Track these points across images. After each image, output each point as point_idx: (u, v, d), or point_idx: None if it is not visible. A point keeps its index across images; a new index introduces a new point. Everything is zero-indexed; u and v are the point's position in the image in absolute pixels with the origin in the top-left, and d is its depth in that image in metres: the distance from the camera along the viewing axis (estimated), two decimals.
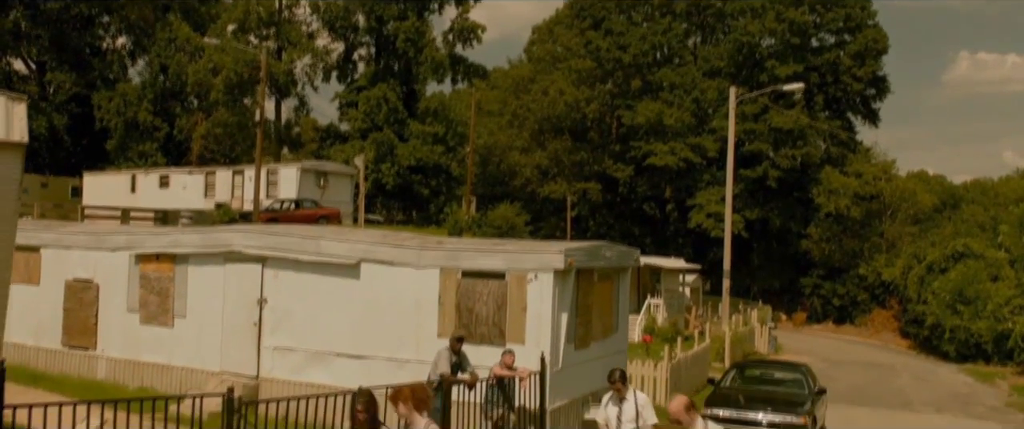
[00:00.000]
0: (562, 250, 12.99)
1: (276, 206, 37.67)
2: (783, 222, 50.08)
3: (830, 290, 47.80)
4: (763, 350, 32.32)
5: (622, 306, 16.04)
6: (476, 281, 13.25)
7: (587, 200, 53.62)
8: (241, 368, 14.87)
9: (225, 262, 15.22)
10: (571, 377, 13.38)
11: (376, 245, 14.12)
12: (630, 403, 9.19)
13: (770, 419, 14.52)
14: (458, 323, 13.13)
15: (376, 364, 13.37)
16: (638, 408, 9.16)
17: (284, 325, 14.57)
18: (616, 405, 9.23)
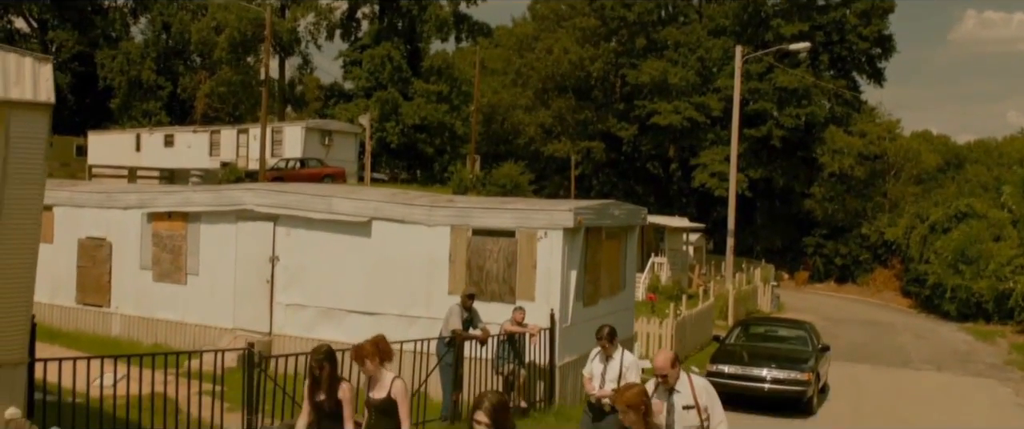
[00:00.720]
0: (572, 208, 13.15)
1: (282, 165, 37.80)
2: (786, 182, 50.16)
3: (832, 250, 48.02)
4: (766, 308, 32.61)
5: (629, 264, 16.25)
6: (486, 239, 13.42)
7: (591, 159, 53.65)
8: (253, 325, 15.12)
9: (237, 220, 15.40)
10: (580, 333, 13.60)
11: (387, 203, 14.28)
12: (616, 362, 8.95)
13: (774, 375, 14.79)
14: (469, 280, 13.33)
15: (387, 320, 13.58)
16: (623, 369, 8.90)
17: (296, 282, 14.79)
18: (602, 363, 9.03)
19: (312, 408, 6.78)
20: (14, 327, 7.21)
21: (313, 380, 6.75)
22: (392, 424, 6.50)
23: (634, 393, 5.88)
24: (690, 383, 6.66)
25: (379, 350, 6.62)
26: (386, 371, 6.62)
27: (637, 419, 5.81)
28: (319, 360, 6.72)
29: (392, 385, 6.51)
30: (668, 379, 6.58)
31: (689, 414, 6.54)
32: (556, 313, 12.93)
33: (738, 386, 14.73)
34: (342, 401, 6.64)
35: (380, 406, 6.49)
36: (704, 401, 6.59)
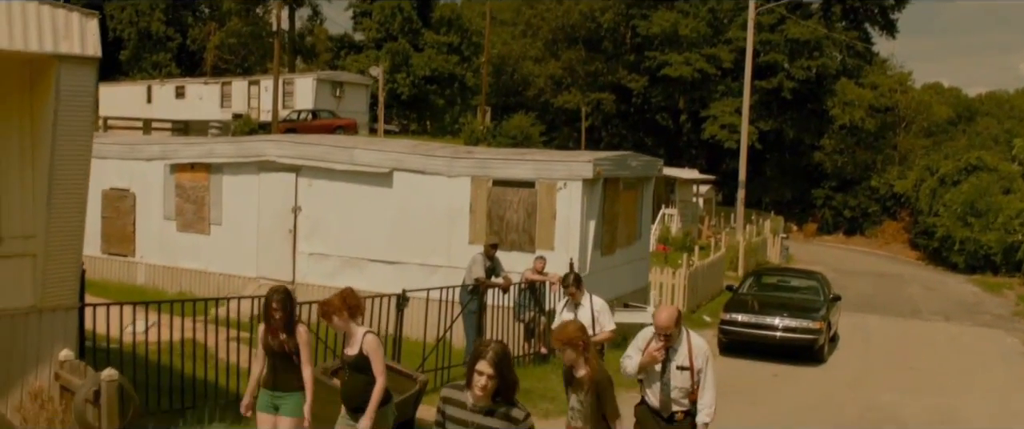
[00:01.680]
0: (591, 159, 13.37)
1: (294, 116, 37.99)
2: (796, 134, 50.14)
3: (841, 202, 48.16)
4: (775, 260, 32.88)
5: (645, 214, 16.51)
6: (507, 189, 13.67)
7: (601, 110, 53.61)
8: (277, 273, 15.43)
9: (259, 171, 15.65)
10: (598, 282, 13.84)
11: (408, 155, 14.51)
12: (586, 309, 8.69)
13: (786, 323, 15.08)
14: (489, 230, 13.60)
15: (409, 269, 13.89)
16: (594, 314, 8.65)
17: (318, 232, 15.08)
18: (571, 311, 8.73)
19: (267, 354, 6.53)
20: (66, 274, 7.51)
21: (269, 323, 6.49)
22: (368, 380, 6.20)
23: (572, 330, 5.81)
24: (689, 343, 6.35)
25: (347, 305, 6.25)
26: (358, 326, 6.30)
27: (576, 356, 5.76)
28: (279, 300, 6.47)
29: (363, 340, 6.20)
30: (670, 338, 6.26)
31: (682, 375, 6.29)
32: (575, 262, 13.22)
33: (751, 334, 15.07)
34: (300, 345, 6.44)
35: (353, 362, 6.23)
36: (699, 364, 6.31)
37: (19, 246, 7.29)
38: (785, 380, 13.77)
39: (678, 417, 6.37)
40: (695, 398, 6.31)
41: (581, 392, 5.86)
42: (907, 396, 12.81)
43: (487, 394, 4.26)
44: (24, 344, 7.37)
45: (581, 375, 5.84)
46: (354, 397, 6.25)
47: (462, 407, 4.38)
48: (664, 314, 6.30)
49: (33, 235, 7.33)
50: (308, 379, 6.48)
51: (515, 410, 4.34)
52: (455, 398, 4.43)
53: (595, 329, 8.45)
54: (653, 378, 6.35)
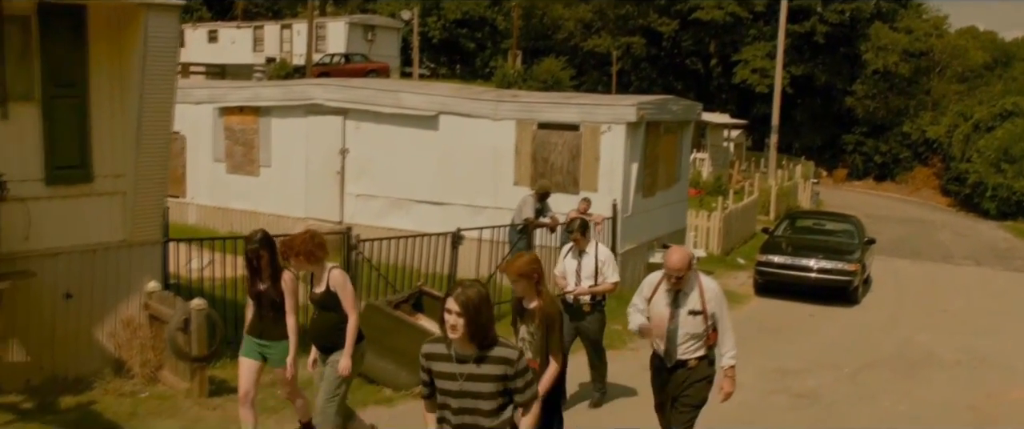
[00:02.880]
0: (635, 103, 13.64)
1: (326, 60, 38.23)
2: (828, 78, 49.75)
3: (872, 147, 47.96)
4: (806, 205, 33.03)
5: (684, 158, 16.79)
6: (551, 132, 13.99)
7: (630, 54, 53.38)
8: (325, 214, 15.92)
9: (307, 114, 16.03)
10: (639, 223, 14.28)
11: (454, 98, 14.83)
12: (590, 257, 8.29)
13: (822, 265, 15.38)
14: (534, 172, 13.97)
15: (454, 210, 14.31)
16: (598, 263, 8.26)
17: (366, 174, 15.50)
18: (575, 259, 8.35)
19: (253, 300, 6.30)
20: (152, 211, 8.00)
21: (252, 269, 6.22)
22: (337, 318, 6.00)
23: (525, 261, 5.66)
24: (700, 287, 5.98)
25: (308, 246, 5.96)
26: (321, 265, 6.03)
27: (528, 287, 5.62)
28: (255, 248, 6.16)
29: (329, 276, 5.99)
30: (681, 281, 5.90)
31: (694, 320, 5.95)
32: (618, 203, 13.59)
33: (787, 276, 15.40)
34: (284, 292, 6.18)
35: (320, 301, 6.03)
36: (712, 308, 5.96)
37: (110, 184, 7.77)
38: (821, 320, 14.15)
39: (691, 364, 6.04)
40: (710, 344, 6.03)
41: (531, 324, 5.67)
42: (941, 336, 13.16)
43: (460, 336, 3.97)
44: (116, 276, 7.88)
45: (532, 307, 5.66)
46: (324, 336, 6.07)
47: (447, 359, 4.10)
48: (676, 255, 5.90)
49: (122, 174, 7.80)
50: (292, 328, 6.20)
51: (505, 350, 4.07)
52: (437, 352, 4.14)
53: (598, 279, 8.20)
54: (662, 325, 6.03)
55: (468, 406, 4.08)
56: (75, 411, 6.99)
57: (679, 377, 6.05)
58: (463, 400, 4.07)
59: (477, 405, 4.07)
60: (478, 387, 4.04)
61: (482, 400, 4.06)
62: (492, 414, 4.10)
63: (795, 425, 8.56)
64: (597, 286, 8.23)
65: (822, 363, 11.08)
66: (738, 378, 9.60)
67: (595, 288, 8.22)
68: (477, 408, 4.08)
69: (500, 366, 4.04)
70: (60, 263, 7.52)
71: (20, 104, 7.20)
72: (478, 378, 4.04)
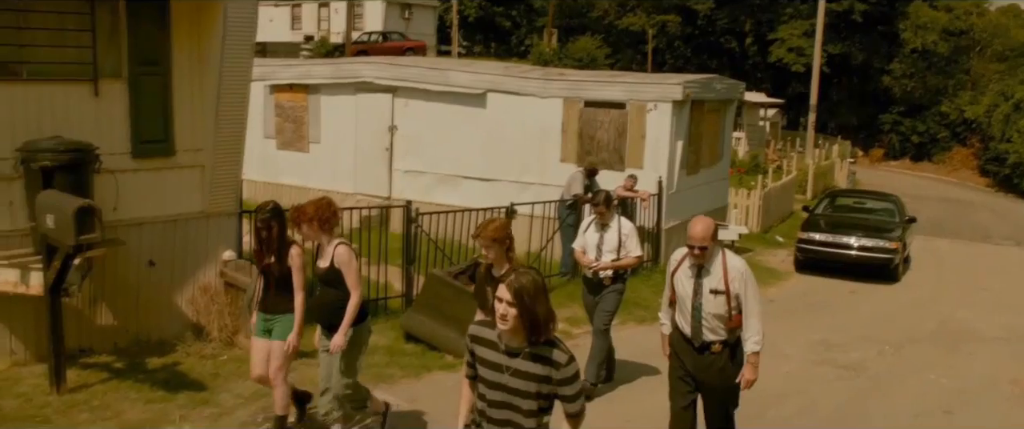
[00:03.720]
0: (681, 82, 13.86)
1: (364, 38, 38.64)
2: (866, 57, 49.30)
3: (910, 127, 47.57)
4: (842, 184, 33.01)
5: (726, 136, 16.98)
6: (597, 110, 14.25)
7: (665, 33, 53.22)
8: (373, 189, 16.33)
9: (356, 92, 16.40)
10: (683, 200, 14.53)
11: (502, 76, 15.13)
12: (613, 231, 8.01)
13: (863, 243, 15.53)
14: (580, 149, 14.26)
15: (501, 186, 14.64)
16: (622, 237, 8.00)
17: (414, 150, 15.87)
18: (598, 232, 8.08)
19: (261, 275, 6.15)
20: (229, 183, 8.42)
21: (260, 242, 6.02)
22: (340, 295, 5.84)
23: (497, 226, 5.47)
24: (724, 263, 5.58)
25: (319, 215, 5.82)
26: (331, 238, 5.91)
27: (500, 253, 5.43)
28: (265, 219, 5.94)
29: (335, 252, 5.82)
30: (703, 254, 5.53)
31: (716, 300, 5.57)
32: (663, 180, 13.85)
33: (828, 253, 15.58)
34: (292, 268, 5.97)
35: (324, 276, 5.90)
36: (736, 287, 5.55)
37: (190, 158, 8.19)
38: (862, 296, 14.35)
39: (715, 348, 5.65)
40: (733, 326, 5.61)
41: None
42: (981, 313, 13.32)
43: (512, 328, 3.72)
44: (195, 245, 8.32)
45: (503, 273, 5.25)
46: (326, 313, 5.93)
47: (494, 348, 3.85)
48: (698, 226, 5.52)
49: (202, 148, 8.22)
50: (298, 305, 6.00)
51: (555, 351, 3.77)
52: (485, 337, 3.89)
53: (620, 253, 7.94)
54: (685, 302, 5.67)
55: (506, 400, 3.83)
56: (162, 371, 7.44)
57: (703, 361, 5.69)
58: (501, 393, 3.82)
59: (514, 401, 3.81)
60: (519, 384, 3.78)
61: (520, 398, 3.79)
62: (528, 415, 3.81)
63: (842, 395, 8.82)
64: (620, 260, 7.98)
65: (865, 337, 11.31)
66: (784, 349, 10.01)
67: (618, 262, 7.96)
68: (514, 404, 3.82)
69: (545, 367, 3.74)
70: (144, 232, 7.96)
71: (109, 82, 7.62)
72: (522, 375, 3.77)
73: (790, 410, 8.13)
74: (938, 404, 8.63)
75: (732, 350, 5.65)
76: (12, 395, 6.66)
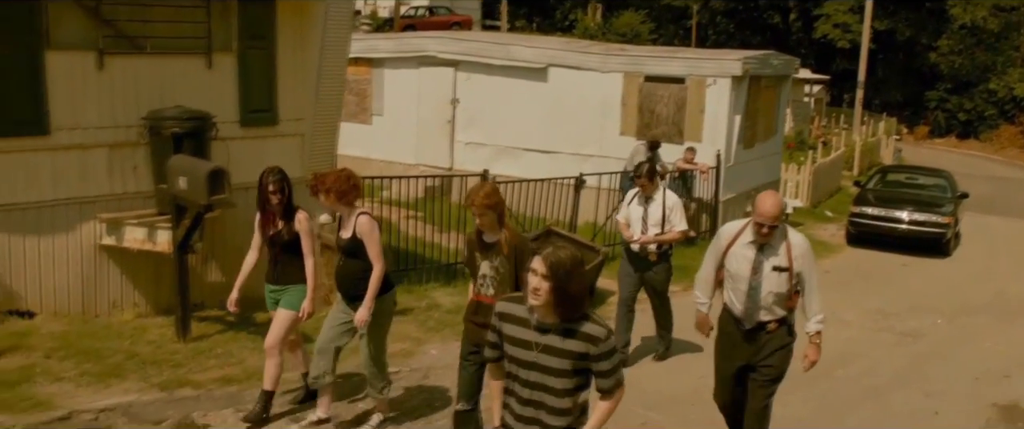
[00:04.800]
0: (741, 58, 14.20)
1: (412, 12, 39.06)
2: (912, 33, 48.83)
3: (956, 104, 47.11)
4: (888, 161, 33.03)
5: (781, 112, 17.28)
6: (657, 85, 14.64)
7: (709, 8, 53.02)
8: (435, 161, 16.86)
9: (419, 66, 16.90)
10: (740, 173, 14.91)
11: (563, 51, 15.55)
12: (657, 204, 7.77)
13: (915, 217, 15.80)
14: (640, 123, 14.67)
15: (561, 158, 15.09)
16: (666, 211, 7.76)
17: (475, 123, 16.36)
18: (641, 205, 7.84)
19: (265, 242, 6.02)
20: (326, 152, 9.00)
21: (264, 209, 5.92)
22: (362, 266, 5.67)
23: (488, 192, 5.24)
24: (787, 241, 5.35)
25: (337, 187, 5.65)
26: (353, 208, 5.75)
27: (492, 220, 5.21)
28: (272, 183, 5.82)
29: (357, 222, 5.66)
30: (773, 232, 5.27)
31: (778, 278, 5.32)
32: (721, 154, 14.23)
33: (880, 227, 15.88)
34: (299, 233, 5.87)
35: (346, 247, 5.72)
36: (799, 265, 5.33)
37: (291, 127, 8.75)
38: (913, 269, 14.66)
39: (771, 327, 5.41)
40: (791, 305, 5.41)
41: (497, 257, 5.23)
42: None
43: (544, 303, 3.53)
44: None
45: (498, 240, 5.23)
46: (348, 284, 5.76)
47: (524, 324, 3.66)
48: (768, 201, 5.23)
49: (302, 118, 8.77)
50: (310, 271, 5.90)
51: (592, 326, 3.59)
52: (514, 313, 3.69)
53: (665, 227, 7.77)
54: (741, 280, 5.39)
55: (536, 380, 3.65)
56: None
57: (755, 342, 5.44)
58: (532, 373, 3.65)
59: (546, 381, 3.64)
60: (552, 362, 3.60)
61: (552, 376, 3.62)
62: (562, 394, 3.64)
63: (903, 359, 9.23)
64: (664, 235, 7.80)
65: (920, 307, 11.67)
66: (843, 316, 10.42)
67: (662, 237, 7.79)
68: (545, 384, 3.64)
69: (583, 344, 3.58)
70: (250, 197, 8.48)
71: (221, 55, 8.18)
72: (555, 352, 3.60)
73: (855, 370, 8.57)
74: (996, 369, 9.00)
75: (788, 328, 5.47)
76: (144, 342, 7.28)
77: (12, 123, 7.11)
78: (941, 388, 8.21)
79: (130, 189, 7.80)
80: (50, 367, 6.58)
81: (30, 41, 7.11)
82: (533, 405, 3.67)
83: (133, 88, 7.70)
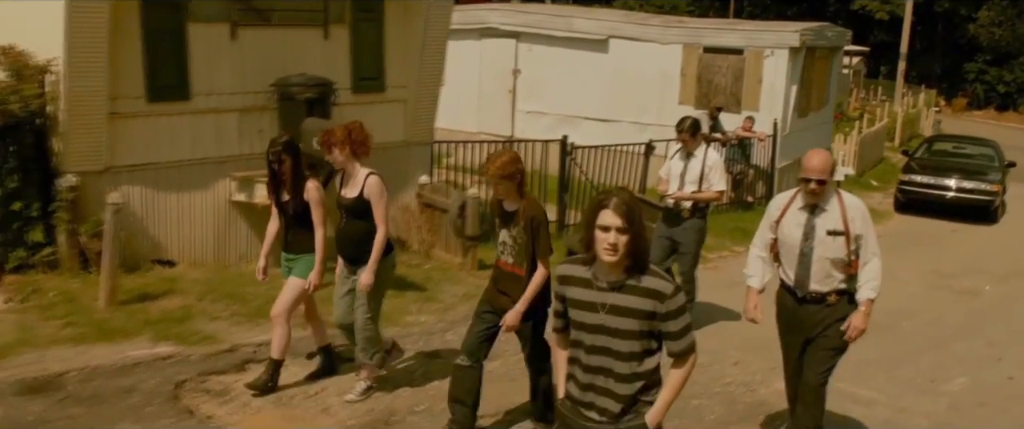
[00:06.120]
0: (798, 30, 14.72)
1: None
2: (951, 5, 48.65)
3: (996, 76, 46.99)
4: (928, 133, 33.29)
5: (832, 82, 17.77)
6: (716, 56, 15.19)
7: None
8: (496, 129, 17.49)
9: (481, 37, 17.51)
10: (794, 141, 15.46)
11: (624, 23, 16.13)
12: (697, 161, 7.58)
13: (963, 185, 16.26)
14: (698, 93, 15.26)
15: (621, 126, 15.69)
16: (705, 168, 7.56)
17: (536, 92, 16.98)
18: (683, 160, 7.66)
19: (279, 211, 5.83)
20: (427, 118, 9.73)
21: (273, 177, 5.71)
22: (366, 227, 5.55)
23: (506, 161, 5.01)
24: (841, 202, 4.99)
25: (351, 139, 5.46)
26: (360, 166, 5.57)
27: (510, 188, 5.02)
28: (277, 152, 5.60)
29: (365, 182, 5.49)
30: (821, 190, 4.91)
31: (834, 243, 4.92)
32: (778, 122, 14.79)
33: (929, 194, 16.36)
34: (309, 202, 5.70)
35: (351, 206, 5.57)
36: (857, 228, 4.94)
37: (396, 94, 9.47)
38: (962, 235, 15.19)
39: (831, 300, 5.01)
40: (852, 272, 4.97)
41: (515, 227, 5.11)
42: None
43: (621, 257, 3.19)
44: (397, 170, 9.59)
45: (515, 209, 5.10)
46: (351, 245, 5.65)
47: (588, 285, 3.32)
48: (817, 157, 4.94)
49: (405, 86, 9.47)
50: (319, 241, 5.73)
51: (658, 280, 3.27)
52: (577, 275, 3.36)
53: (702, 186, 7.57)
54: (793, 247, 5.02)
55: (603, 344, 3.33)
56: None
57: (815, 315, 5.03)
58: (598, 337, 3.33)
59: (612, 344, 3.32)
60: (618, 322, 3.28)
61: (619, 339, 3.30)
62: (629, 358, 3.32)
63: (963, 314, 9.84)
64: (700, 193, 7.58)
65: (973, 269, 12.24)
66: (901, 276, 11.01)
67: (698, 194, 7.58)
68: (611, 348, 3.32)
69: (649, 300, 3.25)
70: None
71: (336, 26, 8.89)
72: (621, 311, 3.27)
73: (920, 322, 9.21)
74: None
75: (849, 297, 5.00)
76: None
77: (160, 89, 7.88)
78: (1002, 338, 8.81)
79: (257, 150, 8.51)
80: (205, 308, 7.37)
81: (175, 16, 7.84)
82: (602, 373, 3.36)
83: (260, 57, 8.42)
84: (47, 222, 7.62)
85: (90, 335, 6.57)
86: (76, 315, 6.90)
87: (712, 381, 6.67)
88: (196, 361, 6.38)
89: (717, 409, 6.29)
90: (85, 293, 7.34)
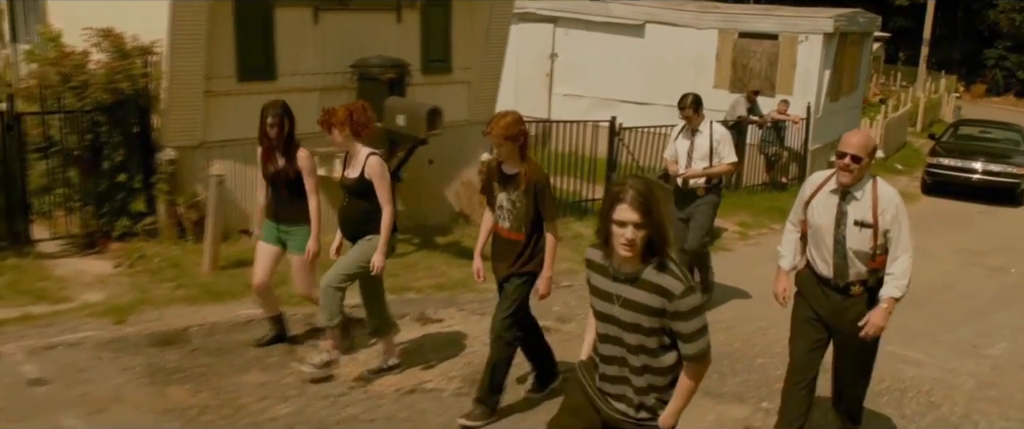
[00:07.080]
0: (833, 16, 15.15)
1: None
2: None
3: (1016, 62, 47.17)
4: (948, 119, 33.61)
5: (863, 67, 18.20)
6: (751, 41, 15.64)
7: None
8: (533, 111, 17.88)
9: (519, 21, 17.92)
10: (827, 124, 15.92)
11: (660, 8, 16.57)
12: (704, 137, 7.48)
13: (989, 168, 16.72)
14: (733, 77, 15.71)
15: (656, 109, 16.11)
16: (713, 143, 7.45)
17: (573, 76, 17.46)
18: (688, 139, 7.56)
19: (267, 180, 5.83)
20: (490, 98, 10.27)
21: (266, 143, 5.72)
22: (368, 207, 5.53)
23: (510, 121, 4.99)
24: (875, 193, 4.67)
25: (352, 119, 5.44)
26: (361, 146, 5.55)
27: (512, 150, 5.01)
28: (278, 115, 5.62)
29: (367, 163, 5.46)
30: (857, 170, 4.61)
31: (860, 234, 4.67)
32: (812, 106, 15.25)
33: (956, 177, 16.83)
34: (301, 170, 5.71)
35: (353, 187, 5.53)
36: (886, 222, 4.63)
37: (461, 75, 9.99)
38: (990, 216, 15.67)
39: (855, 291, 4.74)
40: (877, 266, 4.71)
41: (516, 191, 5.06)
42: None
43: (636, 252, 3.13)
44: (461, 148, 10.16)
45: (517, 172, 5.06)
46: (352, 225, 5.63)
47: (604, 273, 3.29)
48: (857, 136, 4.70)
49: (470, 68, 9.99)
50: (313, 209, 5.76)
51: (669, 279, 3.15)
52: (597, 261, 3.33)
53: (713, 160, 7.48)
54: (821, 237, 4.78)
55: (615, 335, 3.31)
56: (451, 247, 9.34)
57: (838, 305, 4.79)
58: (610, 326, 3.32)
59: (623, 336, 3.29)
60: (628, 316, 3.23)
61: (627, 333, 3.27)
62: (638, 351, 3.29)
63: (996, 288, 10.34)
64: (712, 168, 7.49)
65: (1004, 248, 12.73)
66: (935, 254, 11.50)
67: (710, 170, 7.48)
68: (623, 339, 3.29)
69: (658, 297, 3.16)
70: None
71: (408, 11, 9.42)
72: (631, 305, 3.22)
73: (957, 294, 9.74)
74: None
75: (873, 294, 4.74)
76: None
77: (250, 70, 8.42)
78: None
79: None
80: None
81: (264, 1, 8.37)
82: (615, 362, 3.35)
83: (340, 40, 8.95)
84: (148, 193, 8.21)
85: (201, 296, 7.15)
86: (184, 278, 7.48)
87: (773, 343, 7.19)
88: (300, 320, 6.94)
89: (781, 368, 6.81)
90: (185, 259, 7.92)
